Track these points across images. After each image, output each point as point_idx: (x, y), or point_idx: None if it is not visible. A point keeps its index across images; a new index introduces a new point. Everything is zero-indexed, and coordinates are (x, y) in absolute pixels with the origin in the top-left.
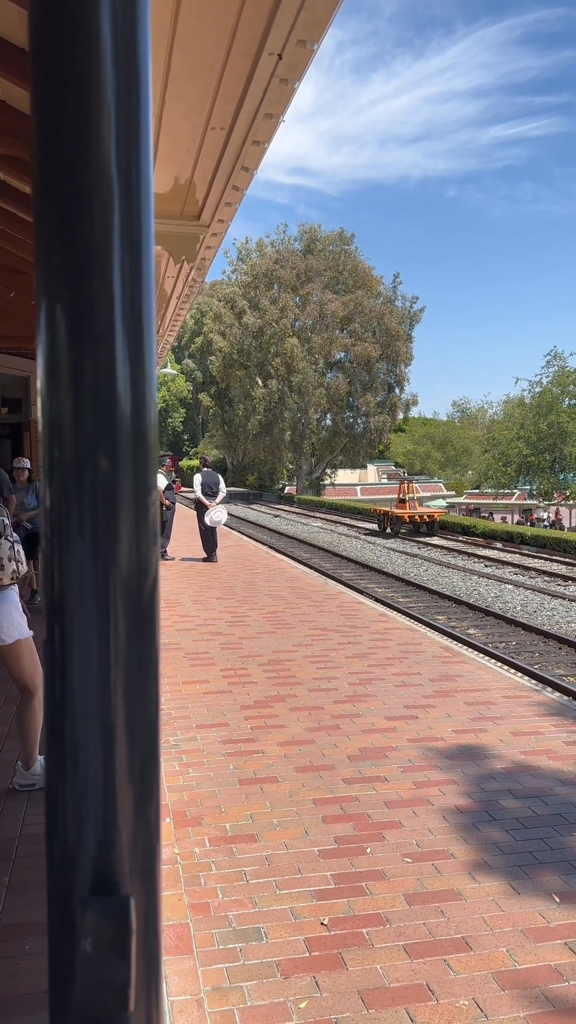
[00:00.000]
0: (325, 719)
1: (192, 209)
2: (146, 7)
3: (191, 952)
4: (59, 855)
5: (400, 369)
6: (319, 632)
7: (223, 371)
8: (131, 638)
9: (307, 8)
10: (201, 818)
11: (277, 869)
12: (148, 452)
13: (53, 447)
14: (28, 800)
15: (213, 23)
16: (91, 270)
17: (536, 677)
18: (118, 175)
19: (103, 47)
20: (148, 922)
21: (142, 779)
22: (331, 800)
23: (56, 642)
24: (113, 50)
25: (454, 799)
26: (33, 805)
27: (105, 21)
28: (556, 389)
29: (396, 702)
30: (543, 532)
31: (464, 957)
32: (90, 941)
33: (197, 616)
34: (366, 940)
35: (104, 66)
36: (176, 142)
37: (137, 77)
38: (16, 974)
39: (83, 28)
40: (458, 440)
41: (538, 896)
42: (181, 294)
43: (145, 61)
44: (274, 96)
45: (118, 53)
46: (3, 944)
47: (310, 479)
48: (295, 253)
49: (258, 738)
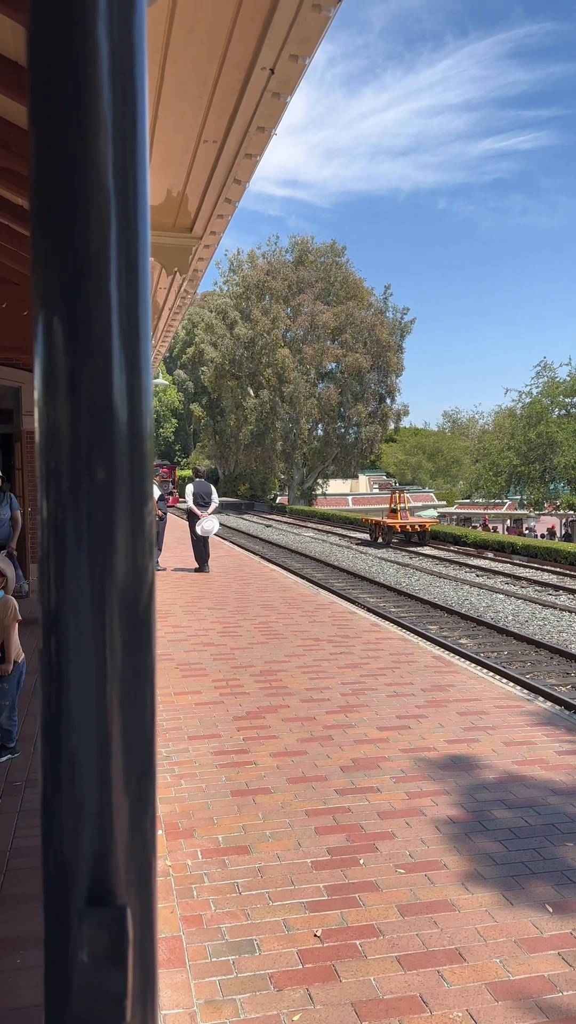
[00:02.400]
0: (318, 730)
1: (185, 221)
2: (142, 24)
3: (184, 965)
4: (55, 865)
5: (391, 380)
6: (311, 642)
7: (215, 381)
8: (127, 648)
9: (299, 23)
10: (193, 830)
11: (270, 881)
12: (144, 462)
13: (50, 457)
14: (19, 813)
15: (205, 38)
16: (88, 281)
17: (528, 687)
18: (115, 188)
19: (100, 62)
20: (144, 932)
21: (138, 789)
22: (324, 811)
23: (52, 652)
24: (110, 65)
25: (447, 809)
26: (24, 818)
27: (102, 37)
28: (546, 400)
29: (389, 712)
30: (534, 542)
31: (457, 968)
32: (86, 951)
33: (189, 627)
34: (359, 951)
35: (101, 81)
36: (169, 155)
37: (133, 92)
38: (9, 988)
39: (80, 44)
40: (449, 450)
41: (531, 906)
42: (173, 305)
43: (141, 76)
44: (266, 110)
45: (114, 68)
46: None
47: (302, 489)
48: (287, 265)
49: (250, 749)
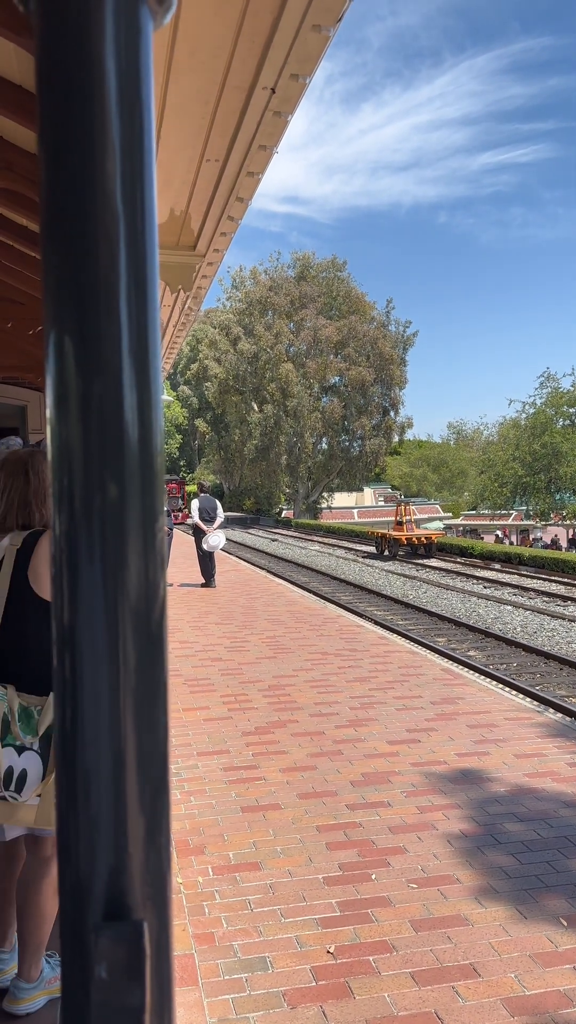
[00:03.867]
0: (327, 744)
1: (188, 239)
2: (148, 48)
3: (196, 983)
4: (72, 881)
5: (395, 392)
6: (319, 656)
7: (219, 397)
8: (140, 664)
9: (299, 44)
10: (204, 847)
11: (282, 897)
12: (155, 478)
13: (62, 474)
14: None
15: (207, 59)
16: (98, 301)
17: (537, 698)
18: (123, 209)
19: (107, 86)
20: (160, 947)
21: (153, 805)
22: (335, 826)
23: (66, 669)
24: (117, 89)
25: (458, 823)
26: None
27: (109, 62)
28: (550, 410)
29: (398, 726)
30: (541, 552)
31: (472, 983)
32: (104, 966)
33: (196, 642)
34: (373, 968)
35: (109, 105)
36: (172, 174)
37: (140, 115)
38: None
39: (88, 69)
40: (454, 462)
41: (545, 920)
42: (178, 322)
43: (148, 99)
44: (268, 128)
45: (122, 92)
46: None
47: (307, 503)
48: (289, 280)
49: (260, 764)
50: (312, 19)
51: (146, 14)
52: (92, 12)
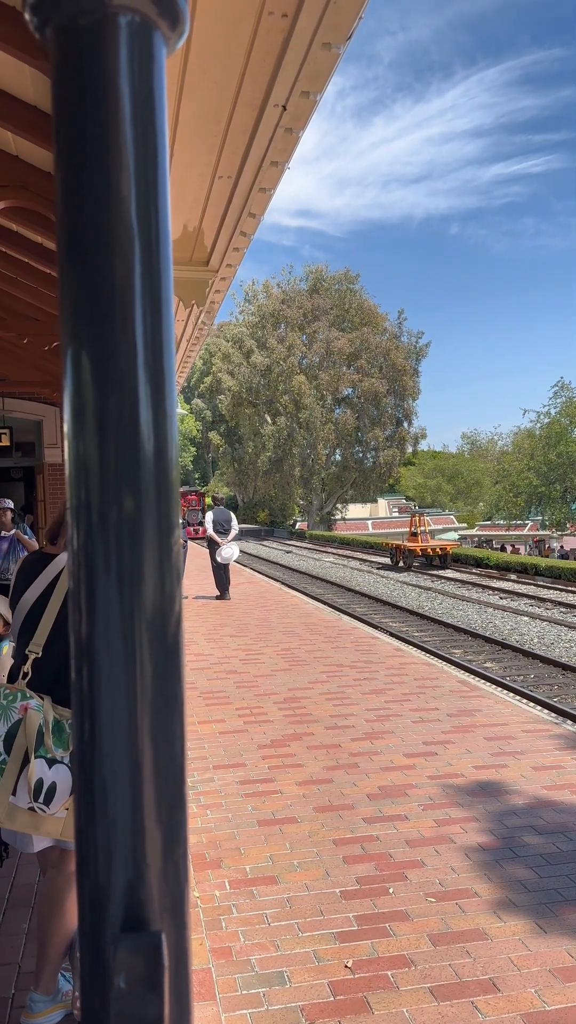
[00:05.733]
0: (343, 757)
1: (201, 255)
2: (162, 70)
3: (214, 998)
4: (90, 893)
5: (408, 403)
6: (334, 668)
7: (232, 409)
8: (157, 677)
9: (310, 62)
10: (220, 860)
11: (299, 911)
12: (171, 491)
13: (80, 488)
14: None
15: (219, 78)
16: (114, 317)
17: (555, 710)
18: (138, 227)
19: (122, 108)
20: (178, 958)
21: (170, 817)
22: (352, 840)
23: (84, 681)
24: (132, 110)
25: (476, 836)
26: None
27: (124, 84)
28: (564, 420)
29: (415, 738)
30: (558, 563)
31: (492, 998)
32: (123, 977)
33: (212, 654)
34: (391, 983)
35: (124, 125)
36: (185, 191)
37: (154, 135)
38: None
39: (103, 91)
40: (468, 472)
41: (565, 934)
42: (191, 337)
43: (161, 119)
44: (279, 145)
45: (136, 113)
46: (22, 993)
47: (321, 514)
48: (301, 293)
49: (276, 778)
50: (322, 37)
51: (159, 39)
52: (107, 39)
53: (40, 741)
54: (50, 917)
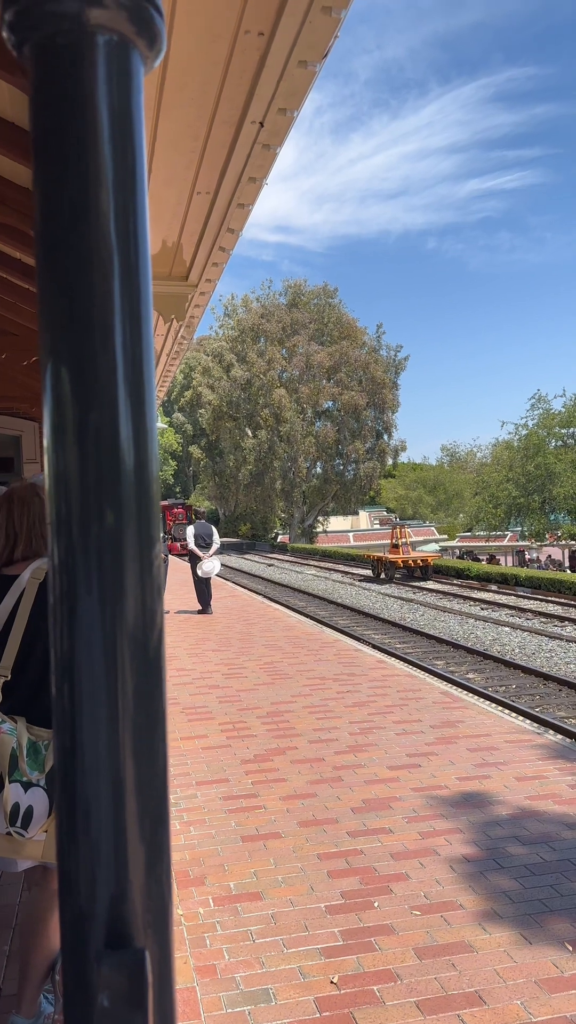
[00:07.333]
0: (327, 771)
1: (180, 270)
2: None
3: (198, 1017)
4: (72, 911)
5: (387, 416)
6: (317, 681)
7: (213, 423)
8: (139, 692)
9: (287, 79)
10: (204, 877)
11: (284, 927)
12: (151, 505)
13: (59, 502)
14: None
15: (196, 95)
16: (93, 332)
17: (538, 720)
18: (117, 243)
19: (100, 125)
20: (162, 975)
21: (153, 834)
22: (336, 854)
23: (65, 698)
24: (109, 127)
25: (461, 848)
26: None
27: (102, 102)
28: (542, 431)
29: (398, 751)
30: (537, 573)
31: (478, 1011)
32: (107, 995)
33: (194, 669)
34: (377, 998)
35: (102, 142)
36: (163, 206)
37: (132, 152)
38: None
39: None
40: (449, 484)
41: (550, 945)
42: (171, 351)
43: (139, 136)
44: (257, 161)
45: (114, 130)
46: (3, 1017)
47: (303, 527)
48: (280, 307)
49: (259, 793)
50: (299, 55)
51: (137, 58)
52: (85, 57)
53: (14, 765)
54: (33, 936)
